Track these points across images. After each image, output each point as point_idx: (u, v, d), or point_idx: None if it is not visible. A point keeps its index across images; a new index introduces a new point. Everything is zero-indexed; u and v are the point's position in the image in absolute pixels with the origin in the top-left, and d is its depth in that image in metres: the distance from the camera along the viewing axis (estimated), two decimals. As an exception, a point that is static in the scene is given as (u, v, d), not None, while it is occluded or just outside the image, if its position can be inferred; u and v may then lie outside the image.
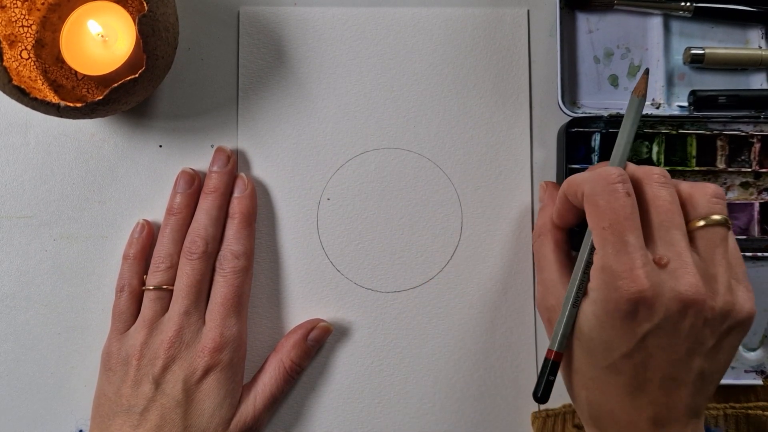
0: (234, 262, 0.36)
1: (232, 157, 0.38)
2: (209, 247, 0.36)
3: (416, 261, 0.39)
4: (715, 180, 0.39)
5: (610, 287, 0.27)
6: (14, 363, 0.38)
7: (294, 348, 0.37)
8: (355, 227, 0.39)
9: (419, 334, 0.39)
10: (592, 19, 0.40)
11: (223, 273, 0.36)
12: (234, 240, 0.36)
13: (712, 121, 0.38)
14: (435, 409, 0.38)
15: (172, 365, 0.34)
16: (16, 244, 0.39)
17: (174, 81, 0.40)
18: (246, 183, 0.38)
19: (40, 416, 0.38)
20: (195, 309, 0.35)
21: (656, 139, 0.38)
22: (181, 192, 0.37)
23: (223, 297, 0.35)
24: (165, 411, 0.33)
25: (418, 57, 0.40)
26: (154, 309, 0.35)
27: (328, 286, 0.39)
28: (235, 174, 0.38)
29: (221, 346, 0.34)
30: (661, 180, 0.29)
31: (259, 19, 0.40)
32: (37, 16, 0.37)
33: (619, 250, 0.27)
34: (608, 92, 0.39)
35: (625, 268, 0.27)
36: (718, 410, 0.37)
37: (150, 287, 0.36)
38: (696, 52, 0.39)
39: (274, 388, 0.36)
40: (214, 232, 0.36)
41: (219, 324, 0.35)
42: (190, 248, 0.36)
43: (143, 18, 0.32)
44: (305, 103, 0.40)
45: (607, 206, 0.27)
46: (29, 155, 0.39)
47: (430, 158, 0.40)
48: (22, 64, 0.36)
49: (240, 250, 0.36)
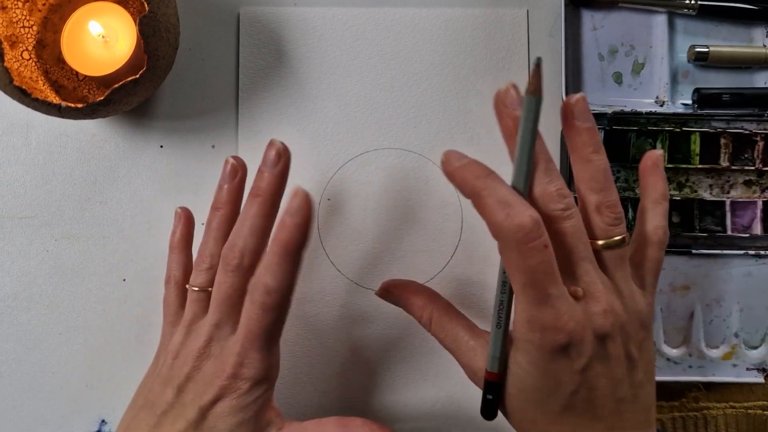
0: (264, 298, 0.30)
1: (284, 155, 0.32)
2: (245, 260, 0.31)
3: (416, 261, 0.39)
4: (718, 178, 0.39)
5: (541, 338, 0.27)
6: (16, 363, 0.39)
7: None
8: (355, 227, 0.39)
9: (419, 334, 0.38)
10: (596, 17, 0.40)
11: (252, 301, 0.30)
12: (267, 271, 0.30)
13: (716, 119, 0.38)
14: (435, 408, 0.38)
15: (195, 377, 0.32)
16: (18, 245, 0.39)
17: (175, 81, 0.40)
18: (300, 201, 0.29)
19: (41, 416, 0.38)
20: (227, 323, 0.32)
21: (660, 136, 0.38)
22: (225, 185, 0.35)
23: (248, 330, 0.30)
24: (179, 422, 0.31)
25: (418, 57, 0.40)
26: (194, 311, 0.33)
27: (329, 285, 0.39)
28: (297, 188, 0.29)
29: (239, 375, 0.31)
30: (564, 214, 0.28)
31: (259, 19, 0.40)
32: (38, 17, 0.37)
33: (543, 302, 0.27)
34: (612, 89, 0.39)
35: (551, 319, 0.27)
36: (718, 409, 0.37)
37: (194, 287, 0.34)
38: (700, 49, 0.38)
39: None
40: (254, 243, 0.31)
41: (242, 353, 0.31)
42: (226, 258, 0.32)
43: (144, 19, 0.32)
44: (305, 103, 0.40)
45: (525, 266, 0.26)
46: (30, 156, 0.39)
47: (430, 158, 0.39)
48: (23, 64, 0.36)
49: (273, 286, 0.29)
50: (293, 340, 0.39)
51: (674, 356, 0.38)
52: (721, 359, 0.38)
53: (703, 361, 0.38)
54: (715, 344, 0.38)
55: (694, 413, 0.38)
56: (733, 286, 0.38)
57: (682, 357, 0.38)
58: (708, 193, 0.39)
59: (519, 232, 0.26)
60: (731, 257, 0.38)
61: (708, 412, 0.37)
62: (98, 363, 0.39)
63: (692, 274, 0.38)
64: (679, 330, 0.38)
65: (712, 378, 0.38)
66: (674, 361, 0.38)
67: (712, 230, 0.38)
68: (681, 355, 0.38)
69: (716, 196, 0.39)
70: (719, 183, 0.39)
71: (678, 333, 0.38)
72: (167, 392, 0.32)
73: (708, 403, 0.38)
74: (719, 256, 0.38)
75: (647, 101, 0.39)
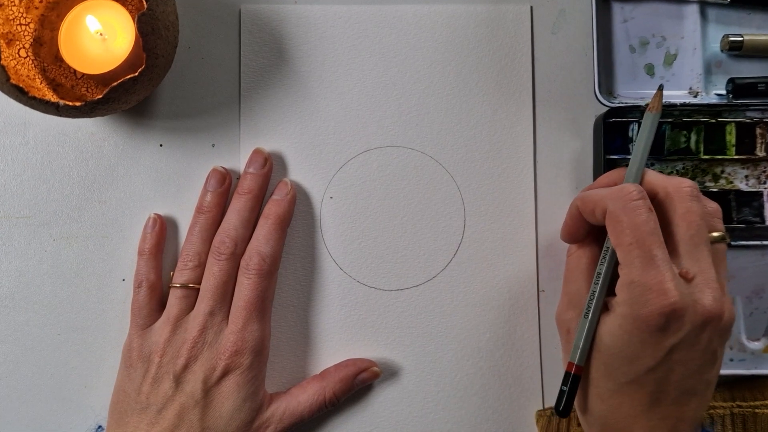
0: (260, 264, 0.35)
1: (269, 159, 0.38)
2: (238, 248, 0.35)
3: (419, 259, 0.39)
4: (754, 168, 0.38)
5: (640, 301, 0.27)
6: (14, 364, 0.38)
7: (341, 382, 0.36)
8: (357, 225, 0.39)
9: (422, 333, 0.38)
10: (626, 9, 0.39)
11: (247, 274, 0.35)
12: (264, 241, 0.35)
13: (751, 108, 0.38)
14: (438, 408, 0.38)
15: (193, 365, 0.34)
16: (16, 245, 0.39)
17: (174, 80, 0.39)
18: (288, 188, 0.37)
19: (39, 417, 0.38)
20: (220, 310, 0.35)
21: (695, 128, 0.38)
22: (212, 190, 0.37)
23: (245, 300, 0.34)
24: (183, 410, 0.33)
25: (421, 54, 0.40)
26: (180, 307, 0.35)
27: (331, 284, 0.39)
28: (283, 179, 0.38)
29: (242, 350, 0.34)
30: (693, 193, 0.29)
31: (260, 17, 0.40)
32: (36, 15, 0.37)
33: (647, 264, 0.27)
34: (644, 81, 0.39)
35: (655, 282, 0.27)
36: (724, 409, 0.37)
37: (177, 285, 0.35)
38: (734, 39, 0.38)
39: (306, 411, 0.35)
40: (244, 233, 0.36)
41: (241, 327, 0.34)
42: (219, 248, 0.35)
43: (143, 16, 0.31)
44: (307, 101, 0.39)
45: (631, 222, 0.28)
46: (28, 155, 0.39)
47: (433, 156, 0.39)
48: (20, 62, 0.35)
49: (268, 252, 0.35)
50: (294, 338, 0.38)
51: None
52: (762, 351, 0.38)
53: (744, 354, 0.38)
54: (756, 336, 0.38)
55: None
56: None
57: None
58: (744, 184, 0.39)
59: (625, 193, 0.29)
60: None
61: (714, 411, 0.37)
62: (97, 364, 0.38)
63: (731, 267, 0.38)
64: None
65: (754, 371, 0.38)
66: None
67: (750, 221, 0.38)
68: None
69: (753, 186, 0.38)
70: (755, 173, 0.39)
71: None
72: (164, 387, 0.33)
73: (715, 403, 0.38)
74: (758, 247, 0.38)
75: (680, 93, 0.39)
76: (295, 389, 0.36)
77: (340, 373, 0.36)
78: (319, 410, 0.36)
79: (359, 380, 0.37)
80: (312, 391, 0.36)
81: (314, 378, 0.37)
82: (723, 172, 0.39)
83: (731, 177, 0.39)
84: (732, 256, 0.38)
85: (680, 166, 0.39)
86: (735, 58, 0.39)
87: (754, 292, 0.38)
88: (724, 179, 0.39)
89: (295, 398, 0.35)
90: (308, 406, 0.35)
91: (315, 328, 0.39)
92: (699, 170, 0.39)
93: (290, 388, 0.36)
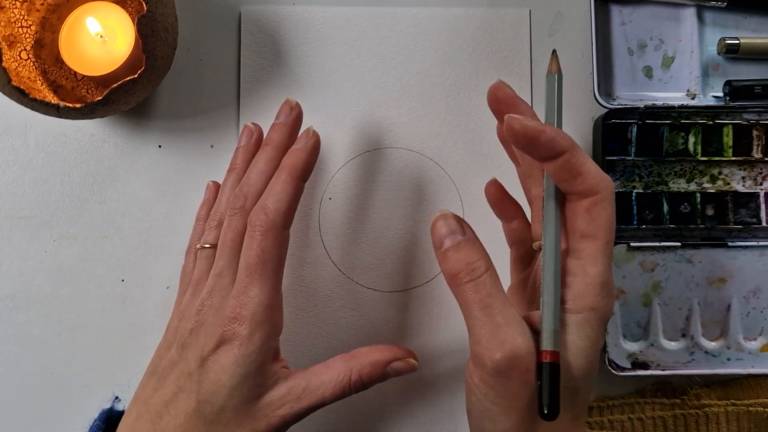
0: (263, 219, 0.30)
1: (297, 108, 0.34)
2: (248, 202, 0.32)
3: (417, 260, 0.39)
4: (751, 170, 0.39)
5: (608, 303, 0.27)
6: (14, 363, 0.38)
7: (371, 366, 0.31)
8: (356, 226, 0.39)
9: (420, 334, 0.38)
10: (625, 11, 0.40)
11: (251, 233, 0.30)
12: (271, 194, 0.31)
13: (748, 110, 0.38)
14: (436, 408, 0.38)
15: (198, 330, 0.30)
16: (16, 245, 0.39)
17: (174, 81, 0.39)
18: (310, 136, 0.33)
19: (39, 417, 0.38)
20: (228, 270, 0.31)
21: (692, 129, 0.38)
22: (241, 146, 0.35)
23: (246, 261, 0.30)
24: (180, 378, 0.30)
25: (420, 57, 0.40)
26: (201, 269, 0.33)
27: (330, 285, 0.39)
28: (309, 127, 0.33)
29: (240, 316, 0.29)
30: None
31: (260, 18, 0.40)
32: (37, 17, 0.37)
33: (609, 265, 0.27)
34: (643, 84, 0.40)
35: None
36: (719, 407, 0.37)
37: (203, 245, 0.33)
38: (731, 41, 0.39)
39: (328, 392, 0.30)
40: (258, 187, 0.32)
41: (241, 291, 0.30)
42: (232, 204, 0.32)
43: (142, 18, 0.32)
44: (306, 102, 0.39)
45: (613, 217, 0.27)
46: (29, 156, 0.39)
47: (432, 158, 0.39)
48: (21, 64, 0.36)
49: (273, 206, 0.30)
50: (293, 338, 0.39)
51: (712, 349, 0.38)
52: (759, 351, 0.38)
53: (741, 354, 0.38)
54: (752, 336, 0.39)
55: (696, 411, 0.38)
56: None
57: (720, 350, 0.38)
58: (741, 185, 0.39)
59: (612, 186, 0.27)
60: (767, 248, 0.38)
61: (710, 409, 0.37)
62: (97, 364, 0.38)
63: (728, 267, 0.39)
64: (717, 323, 0.39)
65: (751, 370, 0.38)
66: (712, 354, 0.38)
67: (747, 222, 0.39)
68: (719, 347, 0.38)
69: (750, 187, 0.39)
70: (752, 175, 0.39)
71: (715, 326, 0.39)
72: (171, 353, 0.31)
73: (709, 401, 0.38)
74: (755, 247, 0.38)
75: (678, 95, 0.39)
76: (318, 366, 0.31)
77: (373, 355, 0.31)
78: (343, 394, 0.31)
79: (392, 368, 0.32)
80: (337, 371, 0.31)
81: (342, 357, 0.31)
82: (720, 174, 0.39)
83: (728, 178, 0.39)
84: (729, 256, 0.39)
85: (678, 167, 0.39)
86: (732, 61, 0.40)
87: (752, 292, 0.39)
88: (721, 180, 0.39)
89: (317, 377, 0.30)
90: (331, 387, 0.30)
91: (313, 329, 0.39)
92: (697, 171, 0.39)
93: (313, 365, 0.32)
